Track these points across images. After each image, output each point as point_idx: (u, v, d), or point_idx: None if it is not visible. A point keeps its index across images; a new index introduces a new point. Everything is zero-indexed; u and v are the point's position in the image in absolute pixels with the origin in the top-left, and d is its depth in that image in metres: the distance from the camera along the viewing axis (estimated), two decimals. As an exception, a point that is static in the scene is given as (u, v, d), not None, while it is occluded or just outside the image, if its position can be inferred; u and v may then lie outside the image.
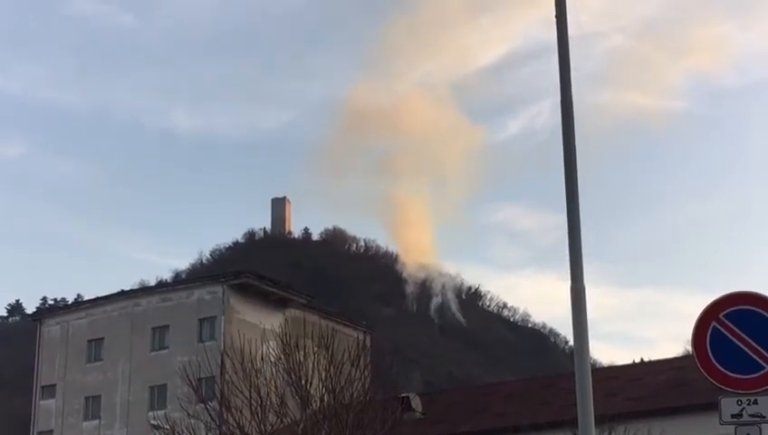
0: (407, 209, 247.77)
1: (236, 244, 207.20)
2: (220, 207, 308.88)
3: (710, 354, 10.91)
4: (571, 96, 11.27)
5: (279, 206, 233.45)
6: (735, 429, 10.62)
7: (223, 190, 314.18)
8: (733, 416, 10.65)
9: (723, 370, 10.81)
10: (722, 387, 10.84)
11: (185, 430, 25.15)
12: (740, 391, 10.71)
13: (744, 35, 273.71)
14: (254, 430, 23.89)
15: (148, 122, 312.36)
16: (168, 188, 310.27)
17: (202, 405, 25.87)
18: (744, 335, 10.76)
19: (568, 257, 10.89)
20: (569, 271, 10.89)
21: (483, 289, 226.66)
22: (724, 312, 10.93)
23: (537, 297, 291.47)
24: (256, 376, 23.93)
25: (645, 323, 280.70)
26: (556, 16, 11.40)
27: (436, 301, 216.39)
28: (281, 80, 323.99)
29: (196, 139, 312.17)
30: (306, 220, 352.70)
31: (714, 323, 10.91)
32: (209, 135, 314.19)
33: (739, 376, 10.68)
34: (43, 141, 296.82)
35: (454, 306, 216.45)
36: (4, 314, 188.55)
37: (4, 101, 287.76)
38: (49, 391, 65.27)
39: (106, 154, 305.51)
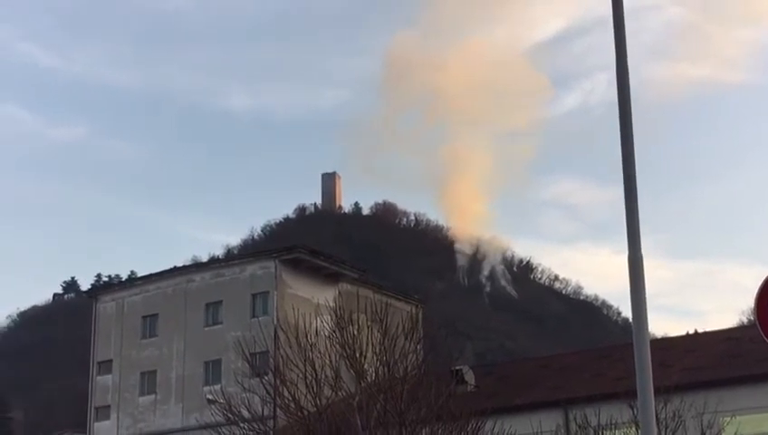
0: (458, 183, 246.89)
1: (287, 219, 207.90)
2: (271, 183, 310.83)
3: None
4: (626, 68, 11.09)
5: (329, 181, 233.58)
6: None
7: (274, 167, 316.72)
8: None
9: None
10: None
11: (240, 404, 25.38)
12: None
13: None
14: (309, 404, 24.06)
15: (203, 102, 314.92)
16: (220, 166, 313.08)
17: (257, 379, 26.08)
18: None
19: (624, 229, 10.81)
20: (626, 240, 10.80)
21: (535, 262, 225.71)
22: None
23: (590, 270, 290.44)
24: (311, 350, 24.11)
25: (699, 295, 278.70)
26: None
27: (487, 274, 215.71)
28: (333, 58, 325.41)
29: (249, 117, 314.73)
30: (356, 195, 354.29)
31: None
32: (261, 113, 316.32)
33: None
34: (102, 123, 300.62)
35: (505, 279, 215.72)
36: (60, 291, 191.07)
37: (65, 84, 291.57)
38: (105, 366, 66.12)
39: (161, 134, 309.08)
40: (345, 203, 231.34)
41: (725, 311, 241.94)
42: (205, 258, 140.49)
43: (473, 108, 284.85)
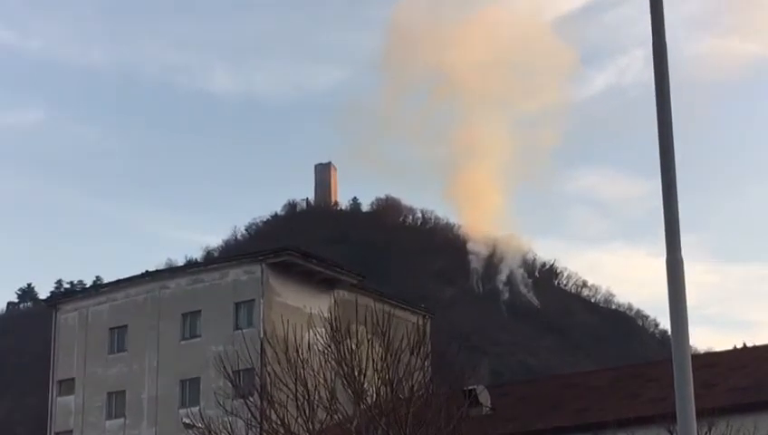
0: (471, 174, 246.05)
1: (275, 217, 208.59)
2: (257, 175, 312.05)
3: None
4: (665, 43, 11.16)
5: (323, 173, 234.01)
6: None
7: (260, 157, 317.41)
8: None
9: None
10: None
11: (221, 429, 25.32)
12: None
13: None
14: (300, 428, 24.02)
15: (180, 83, 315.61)
16: (199, 156, 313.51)
17: (241, 400, 26.02)
18: None
19: (662, 228, 10.90)
20: (664, 241, 10.90)
21: (559, 266, 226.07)
22: None
23: (623, 276, 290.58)
24: (302, 367, 24.09)
25: (749, 303, 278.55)
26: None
27: (504, 279, 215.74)
28: (328, 31, 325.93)
29: (232, 100, 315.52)
30: (354, 189, 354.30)
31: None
32: (246, 96, 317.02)
33: None
34: (61, 106, 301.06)
35: (525, 286, 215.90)
36: (15, 299, 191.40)
37: (21, 61, 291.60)
38: (67, 386, 66.13)
39: (131, 119, 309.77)
40: (342, 198, 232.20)
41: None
42: (181, 262, 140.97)
43: (488, 88, 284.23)
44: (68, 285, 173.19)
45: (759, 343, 53.42)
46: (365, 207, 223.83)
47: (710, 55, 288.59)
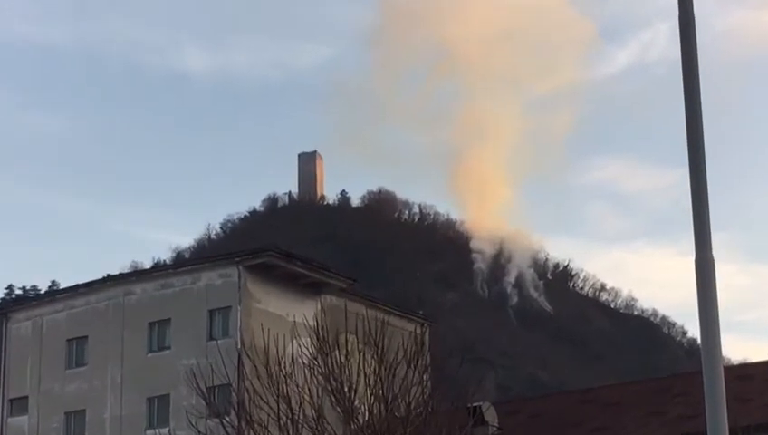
0: (475, 164, 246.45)
1: (254, 213, 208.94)
2: (234, 166, 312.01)
3: None
4: (692, 16, 11.18)
5: (308, 163, 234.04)
6: None
7: (238, 145, 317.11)
8: None
9: None
10: None
11: (194, 452, 25.43)
12: None
13: None
14: (283, 452, 24.07)
15: (147, 63, 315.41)
16: (169, 145, 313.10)
17: (216, 420, 26.10)
18: None
19: (691, 225, 10.94)
20: (693, 238, 10.92)
21: (574, 267, 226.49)
22: None
23: (646, 278, 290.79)
24: (285, 382, 24.12)
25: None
26: None
27: (513, 282, 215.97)
28: (315, 5, 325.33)
29: (206, 82, 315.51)
30: (343, 181, 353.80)
31: None
32: (222, 77, 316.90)
33: None
34: (13, 90, 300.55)
35: (536, 289, 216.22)
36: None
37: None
38: (19, 405, 66.09)
39: (92, 104, 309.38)
40: (329, 192, 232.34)
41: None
42: (148, 264, 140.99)
43: (495, 66, 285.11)
44: (20, 291, 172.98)
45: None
46: (355, 202, 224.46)
47: (742, 29, 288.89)
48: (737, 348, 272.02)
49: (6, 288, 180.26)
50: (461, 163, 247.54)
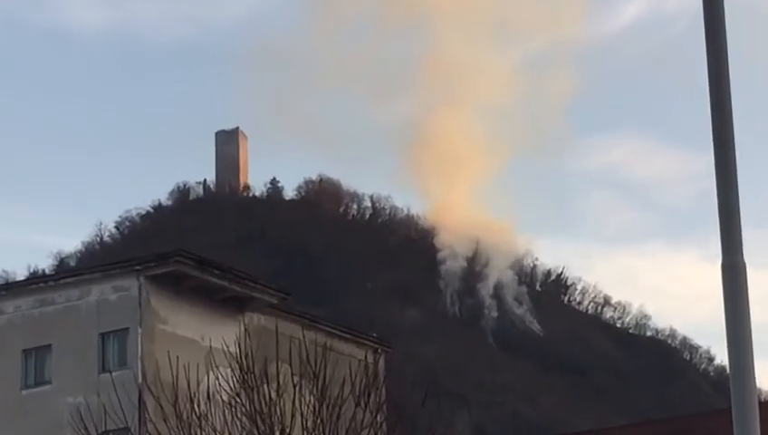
0: (443, 142, 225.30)
1: (159, 208, 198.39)
2: (133, 148, 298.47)
3: None
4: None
5: (228, 144, 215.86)
6: None
7: (138, 122, 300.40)
8: None
9: None
10: None
11: None
12: None
13: None
14: None
15: (25, 19, 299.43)
16: (49, 121, 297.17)
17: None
18: None
19: (717, 223, 10.06)
20: (719, 240, 10.13)
21: (570, 276, 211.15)
22: None
23: (663, 289, 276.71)
24: (200, 425, 22.90)
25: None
26: None
27: (491, 293, 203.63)
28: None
29: (98, 41, 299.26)
30: (273, 167, 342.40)
31: None
32: (119, 35, 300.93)
33: None
34: None
35: (521, 303, 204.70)
36: None
37: None
38: None
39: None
40: (255, 180, 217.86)
41: None
42: (21, 275, 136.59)
43: (472, 11, 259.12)
44: None
45: None
46: (289, 193, 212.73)
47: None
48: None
49: None
50: (424, 140, 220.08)
